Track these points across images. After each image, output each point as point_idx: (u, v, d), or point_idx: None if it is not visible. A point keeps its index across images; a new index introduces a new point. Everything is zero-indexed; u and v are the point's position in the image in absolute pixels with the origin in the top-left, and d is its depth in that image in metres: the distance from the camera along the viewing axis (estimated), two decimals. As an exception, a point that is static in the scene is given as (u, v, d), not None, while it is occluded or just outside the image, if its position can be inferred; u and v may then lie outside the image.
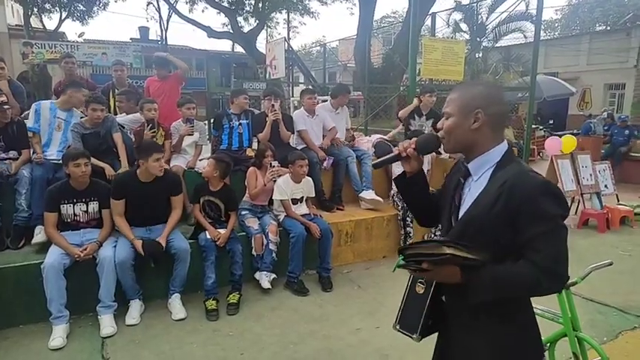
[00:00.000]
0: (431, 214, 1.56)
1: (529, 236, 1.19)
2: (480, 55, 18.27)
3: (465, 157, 1.37)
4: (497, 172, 1.28)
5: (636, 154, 9.40)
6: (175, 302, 3.46)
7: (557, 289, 1.27)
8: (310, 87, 6.54)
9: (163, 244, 3.41)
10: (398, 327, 1.47)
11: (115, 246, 3.34)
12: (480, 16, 17.62)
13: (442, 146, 1.40)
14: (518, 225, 1.20)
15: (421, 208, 1.60)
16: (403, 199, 1.64)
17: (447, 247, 1.18)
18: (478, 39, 16.48)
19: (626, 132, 9.71)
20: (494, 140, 1.31)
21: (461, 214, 1.34)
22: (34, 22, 21.50)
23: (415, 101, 5.71)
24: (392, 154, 1.50)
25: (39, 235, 3.54)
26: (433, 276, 1.27)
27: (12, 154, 3.76)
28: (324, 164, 4.93)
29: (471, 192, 1.33)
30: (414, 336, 1.40)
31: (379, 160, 1.56)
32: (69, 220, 3.37)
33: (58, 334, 3.04)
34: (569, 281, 2.27)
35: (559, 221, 1.19)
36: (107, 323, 3.18)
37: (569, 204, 1.19)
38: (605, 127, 11.01)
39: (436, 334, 1.49)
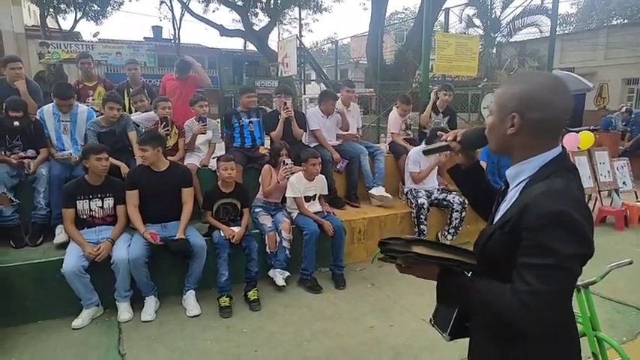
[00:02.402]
0: (488, 209, 1.36)
1: (521, 263, 1.02)
2: (495, 50, 18.06)
3: (510, 160, 1.22)
4: (527, 187, 1.11)
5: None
6: (190, 299, 3.50)
7: (532, 332, 1.04)
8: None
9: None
10: (432, 322, 1.43)
11: (129, 245, 3.38)
12: (493, 11, 17.39)
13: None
14: (517, 254, 1.04)
15: (478, 202, 1.48)
16: (460, 190, 1.56)
17: (416, 246, 1.14)
18: (492, 34, 16.29)
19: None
20: (535, 149, 1.13)
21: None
22: (50, 22, 21.83)
23: (432, 95, 5.64)
24: (441, 144, 1.43)
25: (60, 235, 3.60)
26: (410, 272, 1.23)
27: (30, 152, 3.83)
28: (338, 166, 4.91)
29: (505, 203, 1.20)
30: (444, 335, 1.36)
31: (428, 147, 1.51)
32: (85, 217, 3.42)
33: (82, 316, 3.25)
34: (588, 280, 2.23)
35: (564, 262, 0.97)
36: (124, 309, 3.33)
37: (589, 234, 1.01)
38: (624, 123, 10.76)
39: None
